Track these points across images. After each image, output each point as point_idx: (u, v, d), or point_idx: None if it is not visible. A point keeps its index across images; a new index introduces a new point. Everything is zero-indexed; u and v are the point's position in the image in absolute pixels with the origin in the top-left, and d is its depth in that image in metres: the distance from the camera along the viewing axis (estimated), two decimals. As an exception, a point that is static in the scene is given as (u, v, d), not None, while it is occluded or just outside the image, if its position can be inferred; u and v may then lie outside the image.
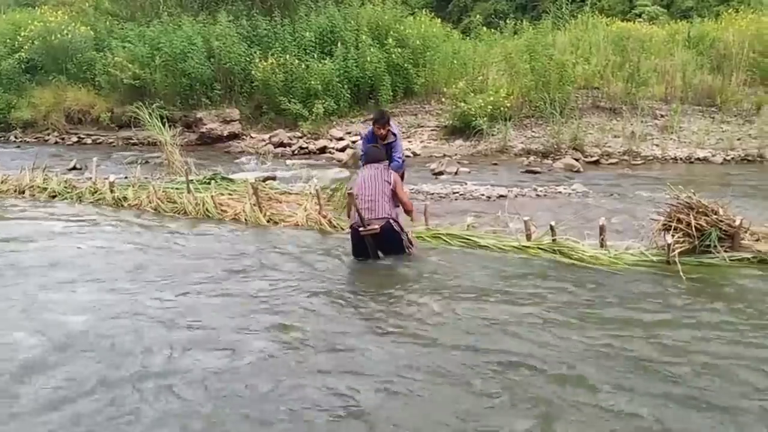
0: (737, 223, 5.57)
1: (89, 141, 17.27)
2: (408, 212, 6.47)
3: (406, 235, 6.04)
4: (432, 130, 15.34)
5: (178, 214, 8.10)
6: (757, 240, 5.72)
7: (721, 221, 5.58)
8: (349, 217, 6.14)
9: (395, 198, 6.04)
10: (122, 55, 16.89)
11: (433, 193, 9.60)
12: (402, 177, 6.98)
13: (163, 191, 8.55)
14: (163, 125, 10.77)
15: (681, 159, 12.79)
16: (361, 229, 5.65)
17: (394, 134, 7.12)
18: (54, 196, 9.33)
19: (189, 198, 8.23)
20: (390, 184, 5.99)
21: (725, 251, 5.50)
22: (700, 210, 5.62)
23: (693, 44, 16.64)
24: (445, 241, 6.46)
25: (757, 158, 12.56)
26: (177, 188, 8.72)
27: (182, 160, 10.20)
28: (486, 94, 14.41)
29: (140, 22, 18.48)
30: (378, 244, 5.79)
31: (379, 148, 6.63)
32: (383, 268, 5.76)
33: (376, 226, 5.64)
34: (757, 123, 13.79)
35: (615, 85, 15.22)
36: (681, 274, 5.19)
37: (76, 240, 6.87)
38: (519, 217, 6.65)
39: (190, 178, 8.64)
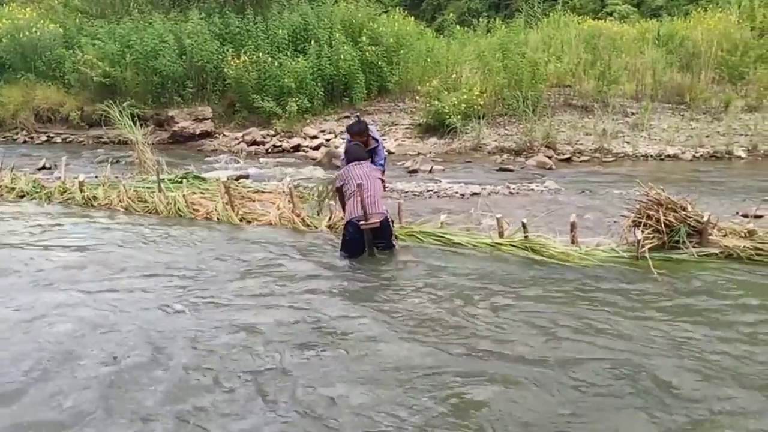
0: (705, 219, 5.67)
1: (59, 140, 17.04)
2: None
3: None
4: (406, 128, 15.38)
5: (149, 213, 8.00)
6: (725, 236, 5.81)
7: (689, 217, 5.68)
8: (344, 210, 6.21)
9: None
10: (92, 52, 16.69)
11: (407, 191, 9.61)
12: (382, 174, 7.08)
13: (133, 190, 8.44)
14: (134, 124, 10.60)
15: (651, 156, 12.98)
16: (362, 223, 5.75)
17: (376, 139, 7.12)
18: (22, 196, 9.16)
19: (160, 197, 8.13)
20: (383, 182, 6.30)
21: (694, 247, 5.59)
22: (669, 206, 5.70)
23: (663, 43, 16.89)
24: (418, 238, 6.47)
25: (725, 155, 12.77)
26: (148, 187, 8.60)
27: (154, 159, 10.04)
28: (459, 92, 14.49)
29: (110, 20, 18.27)
30: (375, 238, 5.92)
31: (360, 146, 6.66)
32: (360, 264, 5.76)
33: (377, 221, 5.78)
34: (725, 120, 14.04)
35: (586, 83, 15.41)
36: (651, 269, 5.26)
37: (37, 240, 6.72)
38: (492, 214, 6.68)
39: (162, 177, 8.54)
